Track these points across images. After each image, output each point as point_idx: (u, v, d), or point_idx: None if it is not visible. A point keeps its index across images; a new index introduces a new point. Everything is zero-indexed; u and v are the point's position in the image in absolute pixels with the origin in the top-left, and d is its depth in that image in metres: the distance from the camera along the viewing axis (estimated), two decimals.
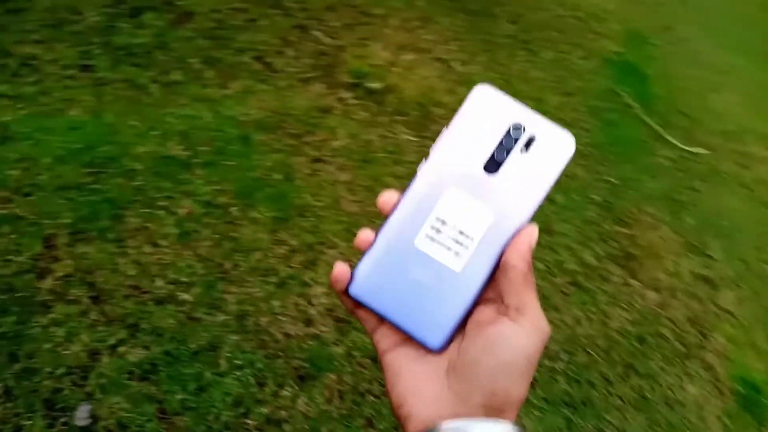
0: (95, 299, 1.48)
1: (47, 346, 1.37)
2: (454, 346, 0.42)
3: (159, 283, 1.55)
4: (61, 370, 1.34)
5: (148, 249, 1.60)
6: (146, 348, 1.44)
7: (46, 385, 1.32)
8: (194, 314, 1.53)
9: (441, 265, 0.43)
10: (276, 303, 1.61)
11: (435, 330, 0.43)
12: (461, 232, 0.43)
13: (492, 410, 0.39)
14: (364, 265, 0.44)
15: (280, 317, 1.60)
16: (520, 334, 0.40)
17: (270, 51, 2.25)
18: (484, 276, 0.43)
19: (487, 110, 0.45)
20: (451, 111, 2.17)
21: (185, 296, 1.55)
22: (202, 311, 1.54)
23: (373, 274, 0.44)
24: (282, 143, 1.97)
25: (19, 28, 1.95)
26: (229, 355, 1.49)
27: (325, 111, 2.14)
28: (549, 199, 2.17)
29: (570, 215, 2.16)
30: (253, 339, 1.54)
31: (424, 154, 0.44)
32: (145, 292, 1.53)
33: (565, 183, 2.27)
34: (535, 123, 0.45)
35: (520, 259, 0.42)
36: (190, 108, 1.94)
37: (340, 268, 0.44)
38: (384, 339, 0.44)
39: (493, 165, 0.44)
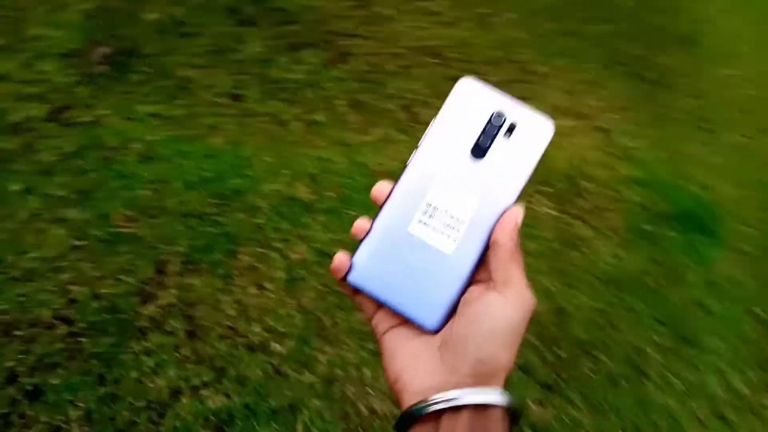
0: (190, 334, 1.46)
1: (134, 374, 1.36)
2: (447, 324, 0.44)
3: (256, 328, 1.50)
4: (141, 403, 1.33)
5: (252, 290, 1.56)
6: (227, 396, 1.38)
7: (123, 416, 1.30)
8: (283, 368, 1.46)
9: (433, 249, 0.46)
10: (368, 372, 1.50)
11: (430, 311, 0.45)
12: (452, 216, 0.46)
13: (480, 377, 0.41)
14: (361, 253, 0.47)
15: (369, 389, 1.48)
16: (505, 304, 0.42)
17: (418, 101, 2.17)
18: (474, 256, 0.46)
19: (471, 101, 0.47)
20: (603, 188, 1.93)
21: (278, 347, 1.48)
22: (290, 367, 1.46)
23: (370, 261, 0.47)
24: None
25: (186, 52, 2.05)
26: (308, 421, 1.39)
27: None
28: (703, 308, 1.84)
29: (723, 329, 1.82)
30: (336, 408, 1.43)
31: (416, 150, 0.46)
32: (240, 335, 1.49)
33: (723, 288, 1.93)
34: (515, 110, 0.47)
35: (506, 237, 0.44)
36: (326, 150, 1.91)
37: (340, 258, 0.46)
38: (382, 322, 0.46)
39: (478, 151, 0.47)
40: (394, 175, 0.46)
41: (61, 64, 1.78)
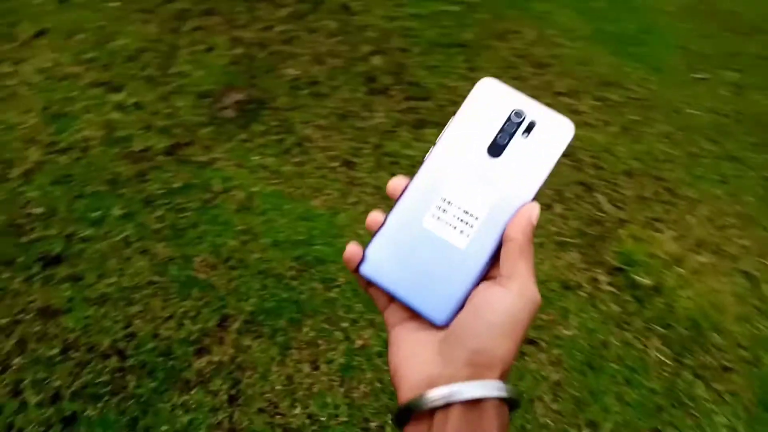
0: (232, 399, 1.40)
1: (164, 428, 1.32)
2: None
3: (297, 410, 1.41)
4: None
5: (306, 368, 1.48)
6: None
7: None
8: None
9: (446, 243, 0.45)
10: None
11: (440, 305, 0.44)
12: (466, 212, 0.46)
13: (476, 367, 0.40)
14: (374, 246, 0.46)
15: None
16: (506, 297, 0.41)
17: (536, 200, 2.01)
18: (487, 252, 0.45)
19: (490, 100, 0.47)
20: (736, 346, 1.63)
21: None
22: None
23: (383, 254, 0.46)
24: None
25: (312, 111, 2.07)
26: None
27: (568, 287, 1.81)
28: None
29: None
30: None
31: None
32: (279, 414, 1.40)
33: None
34: (535, 110, 0.47)
35: (519, 231, 0.44)
36: None
37: (352, 248, 0.45)
38: (393, 315, 0.46)
39: (495, 149, 0.46)
40: None
41: (194, 103, 1.87)
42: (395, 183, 0.48)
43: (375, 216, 0.47)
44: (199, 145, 1.80)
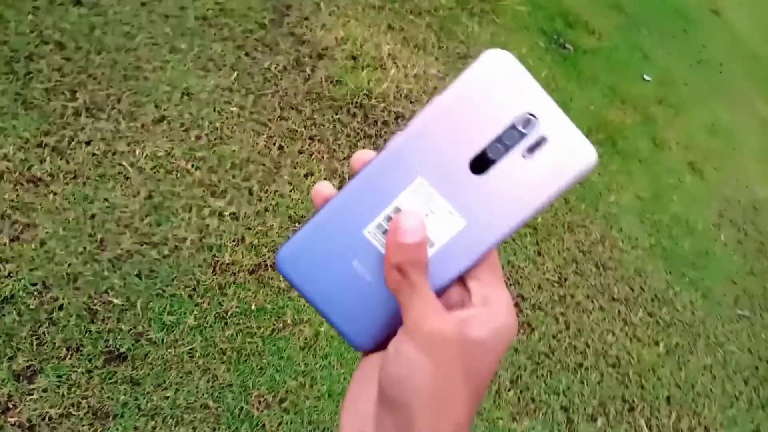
0: None
1: None
2: (381, 352, 0.36)
3: None
4: None
5: None
6: None
7: None
8: None
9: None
10: None
11: (361, 327, 0.38)
12: None
13: None
14: (301, 236, 0.38)
15: None
16: (425, 364, 0.34)
17: (581, 408, 2.00)
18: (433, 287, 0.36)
19: (495, 86, 0.34)
20: None
21: None
22: None
23: (308, 250, 0.38)
24: None
25: None
26: None
27: None
28: None
29: None
30: None
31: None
32: None
33: None
34: (552, 120, 0.34)
35: (389, 268, 0.36)
36: None
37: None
38: None
39: (481, 162, 0.35)
40: None
41: (286, 225, 1.91)
42: (361, 155, 0.39)
43: (322, 188, 0.39)
44: None
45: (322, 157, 2.19)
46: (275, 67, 2.40)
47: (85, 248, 1.60)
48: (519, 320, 2.14)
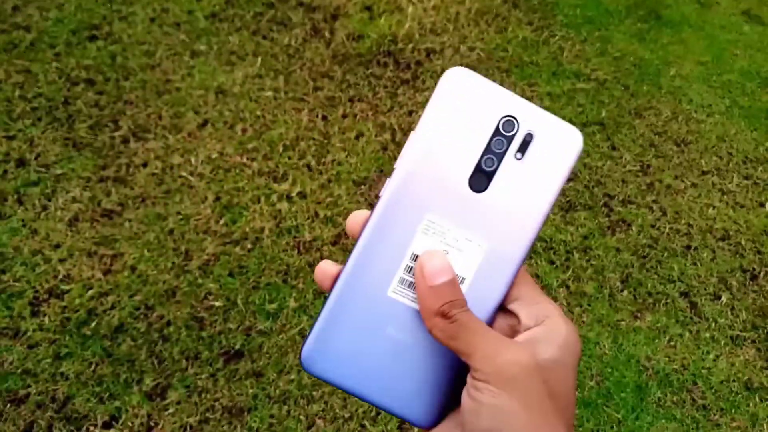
0: None
1: None
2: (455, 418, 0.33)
3: None
4: None
5: None
6: None
7: None
8: None
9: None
10: None
11: (425, 401, 0.33)
12: None
13: None
14: (321, 330, 0.34)
15: None
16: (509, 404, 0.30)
17: (701, 290, 1.91)
18: (484, 320, 0.33)
19: (465, 103, 0.34)
20: None
21: None
22: None
23: (334, 342, 0.34)
24: (685, 412, 1.59)
25: None
26: None
27: (750, 389, 1.68)
28: None
29: None
30: None
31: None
32: None
33: None
34: (531, 116, 0.34)
35: (427, 313, 0.32)
36: (590, 329, 1.73)
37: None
38: None
39: (480, 178, 0.34)
40: (670, 380, 0.29)
41: (352, 190, 1.88)
42: (355, 218, 0.36)
43: (326, 269, 0.36)
44: None
45: (367, 116, 2.14)
46: (295, 42, 2.35)
47: (173, 263, 1.63)
48: (611, 219, 2.06)
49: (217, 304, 1.57)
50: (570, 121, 2.34)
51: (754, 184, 2.32)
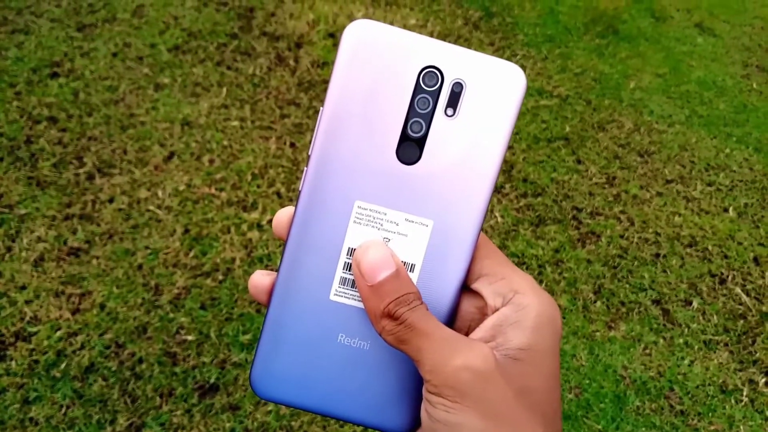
0: None
1: None
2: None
3: None
4: None
5: None
6: None
7: None
8: None
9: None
10: None
11: (394, 410, 0.30)
12: None
13: None
14: (267, 347, 0.30)
15: None
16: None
17: (672, 297, 1.94)
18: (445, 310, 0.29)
19: (375, 61, 0.27)
20: None
21: None
22: None
23: (282, 359, 0.30)
24: (664, 419, 1.60)
25: None
26: None
27: (726, 392, 1.70)
28: None
29: None
30: None
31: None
32: None
33: None
34: (456, 62, 0.27)
35: (371, 309, 0.29)
36: (566, 341, 1.74)
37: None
38: None
39: (410, 147, 0.28)
40: (647, 387, 0.27)
41: None
42: (281, 217, 0.32)
43: (258, 282, 0.32)
44: None
45: None
46: (260, 71, 2.36)
47: (143, 298, 1.60)
48: (580, 231, 2.09)
49: (189, 338, 1.55)
50: (534, 138, 2.38)
51: (717, 190, 2.38)
